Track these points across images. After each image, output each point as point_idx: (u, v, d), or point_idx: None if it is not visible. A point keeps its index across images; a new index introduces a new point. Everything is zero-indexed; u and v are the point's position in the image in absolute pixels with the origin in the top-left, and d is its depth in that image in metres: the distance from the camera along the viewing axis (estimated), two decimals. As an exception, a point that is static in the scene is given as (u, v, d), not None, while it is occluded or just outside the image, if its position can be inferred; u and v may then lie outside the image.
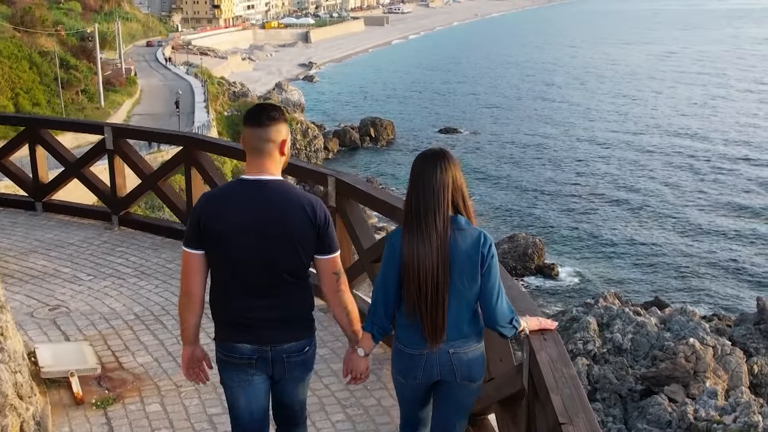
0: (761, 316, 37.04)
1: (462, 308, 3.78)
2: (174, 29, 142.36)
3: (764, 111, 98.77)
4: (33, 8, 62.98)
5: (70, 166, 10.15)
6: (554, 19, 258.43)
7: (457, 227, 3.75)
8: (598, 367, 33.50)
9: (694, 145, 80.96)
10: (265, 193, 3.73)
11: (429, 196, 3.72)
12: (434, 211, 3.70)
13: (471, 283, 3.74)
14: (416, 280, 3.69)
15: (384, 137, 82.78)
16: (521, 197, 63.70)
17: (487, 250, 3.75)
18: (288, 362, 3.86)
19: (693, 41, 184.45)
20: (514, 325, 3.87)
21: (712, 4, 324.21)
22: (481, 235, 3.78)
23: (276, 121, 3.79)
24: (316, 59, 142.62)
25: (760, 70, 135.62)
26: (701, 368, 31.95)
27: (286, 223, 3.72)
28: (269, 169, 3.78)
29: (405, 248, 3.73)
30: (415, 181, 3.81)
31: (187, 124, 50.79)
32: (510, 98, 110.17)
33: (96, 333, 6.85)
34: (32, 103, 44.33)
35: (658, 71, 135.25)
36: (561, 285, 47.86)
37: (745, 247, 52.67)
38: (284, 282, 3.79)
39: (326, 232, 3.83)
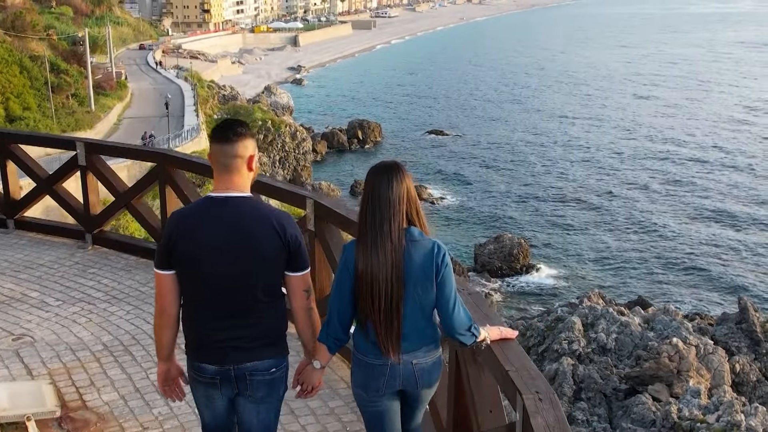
0: (743, 315, 36.75)
1: (419, 318, 3.73)
2: (164, 33, 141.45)
3: (738, 113, 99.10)
4: (24, 13, 62.10)
5: (42, 182, 9.53)
6: (536, 23, 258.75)
7: (411, 238, 3.70)
8: (582, 367, 33.14)
9: (673, 148, 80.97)
10: (233, 210, 3.60)
11: (385, 208, 3.66)
12: (389, 223, 3.65)
13: (426, 293, 3.70)
14: (371, 292, 3.64)
15: (371, 139, 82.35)
16: (506, 198, 63.36)
17: (441, 260, 3.71)
18: (251, 380, 3.71)
19: (670, 44, 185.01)
20: (473, 332, 3.82)
21: (691, 8, 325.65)
22: (434, 245, 3.73)
23: (243, 136, 3.67)
24: (304, 63, 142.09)
25: (734, 72, 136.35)
26: (684, 367, 31.65)
27: (255, 241, 3.58)
28: (237, 186, 3.65)
29: (359, 260, 3.66)
30: (370, 193, 3.73)
31: (177, 127, 50.16)
32: (494, 101, 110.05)
33: (60, 366, 6.29)
34: (23, 107, 43.62)
35: (635, 74, 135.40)
36: (546, 284, 47.50)
37: (724, 247, 52.51)
38: (256, 301, 3.66)
39: (297, 250, 3.70)
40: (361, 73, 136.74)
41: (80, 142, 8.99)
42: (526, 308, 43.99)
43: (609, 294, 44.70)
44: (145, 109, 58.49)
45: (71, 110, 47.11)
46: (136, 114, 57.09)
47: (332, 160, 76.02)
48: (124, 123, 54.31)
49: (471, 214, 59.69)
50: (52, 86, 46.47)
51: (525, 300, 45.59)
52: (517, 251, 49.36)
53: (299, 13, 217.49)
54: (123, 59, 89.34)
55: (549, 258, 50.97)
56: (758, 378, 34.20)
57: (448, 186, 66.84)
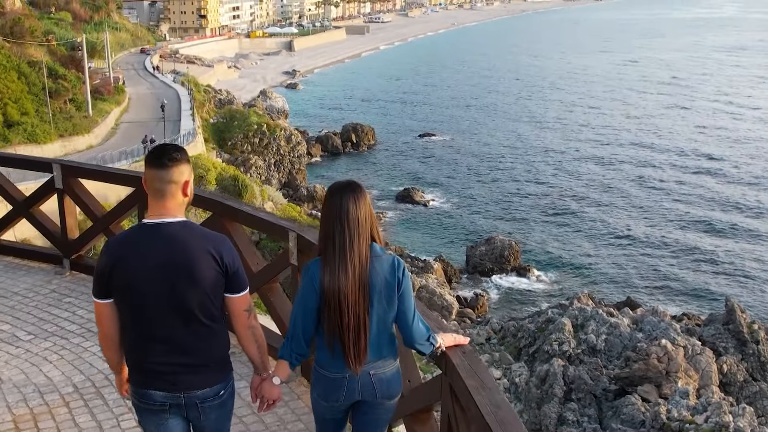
0: (730, 316, 36.36)
1: (381, 331, 3.78)
2: (162, 38, 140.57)
3: (720, 118, 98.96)
4: (22, 19, 61.26)
5: (18, 204, 8.85)
6: (525, 28, 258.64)
7: (374, 254, 3.74)
8: (573, 368, 32.68)
9: (657, 152, 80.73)
10: (167, 236, 3.51)
11: (353, 227, 3.67)
12: (358, 242, 3.67)
13: (389, 306, 3.75)
14: (338, 309, 3.64)
15: (365, 142, 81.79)
16: (497, 200, 62.92)
17: (402, 273, 3.77)
18: (202, 408, 3.67)
19: (655, 49, 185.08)
20: (431, 342, 3.88)
21: (675, 13, 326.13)
22: (395, 260, 3.79)
23: (178, 161, 3.58)
24: (299, 67, 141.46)
25: (716, 77, 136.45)
26: (673, 368, 31.22)
27: (191, 266, 3.48)
28: (171, 211, 3.57)
29: (326, 279, 3.66)
30: (335, 213, 3.71)
31: (174, 131, 49.48)
32: (485, 105, 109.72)
33: (27, 412, 5.68)
34: (21, 112, 42.91)
35: (619, 79, 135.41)
36: (536, 285, 47.09)
37: (710, 249, 52.20)
38: (198, 326, 3.58)
39: (234, 271, 3.62)
40: (355, 78, 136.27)
41: (57, 164, 8.32)
42: (516, 309, 43.55)
43: (598, 295, 44.34)
44: (142, 113, 57.82)
45: (69, 115, 46.38)
46: (134, 118, 56.37)
47: (327, 163, 75.45)
48: (121, 127, 53.60)
49: (463, 215, 59.20)
50: (50, 91, 45.74)
51: (516, 301, 45.14)
52: (507, 253, 48.91)
53: (294, 18, 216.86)
54: (121, 64, 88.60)
55: (539, 259, 50.54)
56: (745, 378, 33.84)
57: (440, 188, 66.33)
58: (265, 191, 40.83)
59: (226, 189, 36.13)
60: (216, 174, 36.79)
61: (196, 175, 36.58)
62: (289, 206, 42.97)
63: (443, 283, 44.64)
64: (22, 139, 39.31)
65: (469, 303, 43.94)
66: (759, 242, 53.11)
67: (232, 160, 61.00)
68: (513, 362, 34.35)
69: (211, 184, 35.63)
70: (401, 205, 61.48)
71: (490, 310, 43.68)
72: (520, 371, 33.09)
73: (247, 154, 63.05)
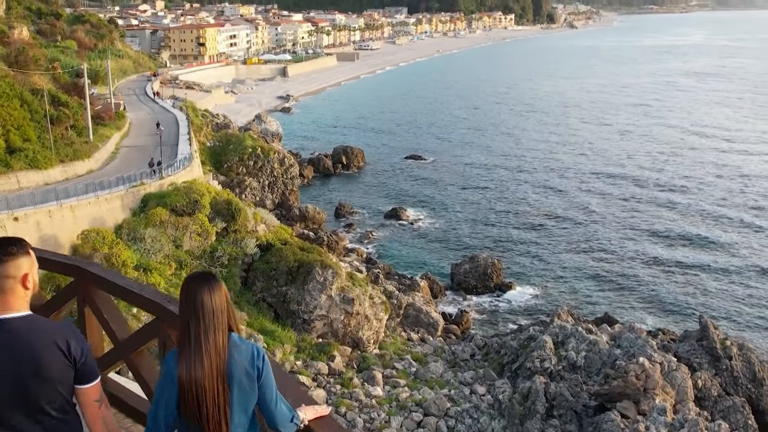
0: (703, 332, 35.84)
1: (243, 419, 3.66)
2: (162, 65, 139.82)
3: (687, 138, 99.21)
4: (27, 48, 60.50)
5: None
6: (505, 55, 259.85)
7: (233, 345, 3.60)
8: (554, 384, 32.00)
9: (632, 171, 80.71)
10: (11, 333, 3.32)
11: (209, 318, 3.51)
12: (214, 333, 3.51)
13: (251, 395, 3.64)
14: (196, 401, 3.49)
15: (355, 164, 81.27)
16: (481, 219, 62.41)
17: (262, 362, 3.66)
18: None
19: (624, 74, 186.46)
20: (294, 422, 3.80)
21: (647, 41, 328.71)
22: (254, 349, 3.68)
23: (14, 255, 3.41)
24: (293, 92, 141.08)
25: (680, 99, 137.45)
26: (651, 385, 30.59)
27: (37, 361, 3.30)
28: (13, 306, 3.38)
29: (182, 370, 3.50)
30: (191, 304, 3.53)
31: (171, 156, 48.67)
32: (467, 128, 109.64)
33: None
34: (23, 139, 42.07)
35: (592, 102, 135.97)
36: (518, 302, 46.44)
37: (682, 265, 51.81)
38: (49, 419, 3.39)
39: (84, 363, 3.45)
40: (345, 102, 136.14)
41: None
42: (499, 324, 42.90)
43: (577, 310, 43.73)
44: (142, 138, 56.94)
45: (70, 141, 45.49)
46: (134, 143, 55.48)
47: (318, 184, 74.80)
48: (121, 151, 52.72)
49: (448, 234, 58.60)
50: (52, 118, 44.91)
51: (499, 316, 44.48)
52: (491, 270, 48.33)
53: (288, 45, 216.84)
54: (123, 89, 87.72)
55: (521, 276, 49.98)
56: (719, 393, 33.27)
57: (427, 207, 65.77)
58: (257, 214, 40.10)
59: (219, 213, 35.46)
60: (210, 198, 36.02)
61: (191, 200, 35.91)
62: (281, 228, 42.28)
63: (429, 301, 43.95)
64: (24, 165, 38.45)
65: (454, 319, 43.25)
66: (730, 258, 52.76)
67: (227, 181, 60.25)
68: (497, 378, 33.66)
69: (205, 209, 34.85)
70: (389, 224, 60.86)
71: (475, 325, 43.00)
72: (504, 388, 32.38)
73: (242, 176, 62.35)
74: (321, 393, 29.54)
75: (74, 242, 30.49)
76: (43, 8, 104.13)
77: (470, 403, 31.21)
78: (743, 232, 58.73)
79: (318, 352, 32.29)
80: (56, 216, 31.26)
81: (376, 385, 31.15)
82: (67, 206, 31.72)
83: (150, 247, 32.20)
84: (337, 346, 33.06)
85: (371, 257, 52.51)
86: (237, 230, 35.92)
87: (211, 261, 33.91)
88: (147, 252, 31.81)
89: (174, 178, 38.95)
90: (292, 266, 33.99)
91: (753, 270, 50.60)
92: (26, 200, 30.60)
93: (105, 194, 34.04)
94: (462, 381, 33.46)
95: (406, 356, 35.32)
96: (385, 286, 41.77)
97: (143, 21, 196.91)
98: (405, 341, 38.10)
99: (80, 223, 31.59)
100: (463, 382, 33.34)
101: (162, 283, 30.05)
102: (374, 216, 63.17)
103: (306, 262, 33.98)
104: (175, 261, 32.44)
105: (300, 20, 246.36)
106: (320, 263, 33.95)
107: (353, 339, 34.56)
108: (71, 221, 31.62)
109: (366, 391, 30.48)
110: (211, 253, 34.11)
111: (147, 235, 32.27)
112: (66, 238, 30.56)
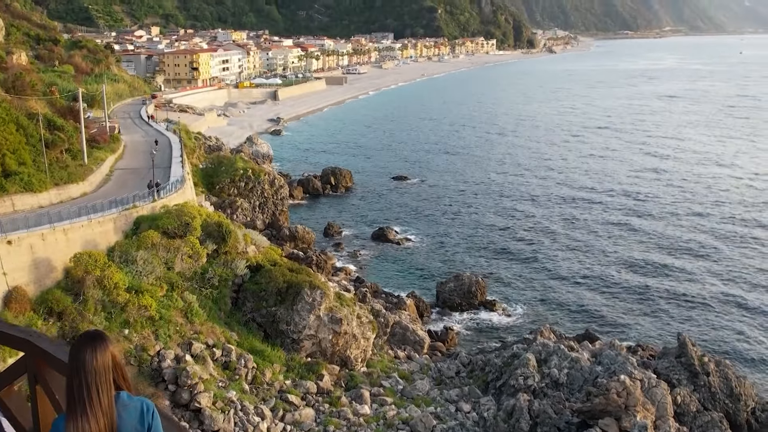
0: (682, 349, 35.55)
1: None
2: (157, 89, 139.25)
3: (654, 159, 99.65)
4: (24, 74, 59.84)
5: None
6: (486, 78, 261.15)
7: (121, 403, 3.49)
8: (538, 402, 31.58)
9: (608, 191, 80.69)
10: None
11: (91, 378, 3.39)
12: (98, 393, 3.39)
13: None
14: None
15: (343, 184, 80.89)
16: (465, 238, 62.07)
17: (152, 418, 3.54)
18: None
19: (601, 97, 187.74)
20: None
21: (622, 65, 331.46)
22: (143, 405, 3.54)
23: None
24: (283, 115, 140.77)
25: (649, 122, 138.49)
26: (632, 402, 30.21)
27: None
28: None
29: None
30: (77, 366, 3.42)
31: (164, 178, 48.03)
32: (450, 149, 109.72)
33: None
34: (18, 162, 41.31)
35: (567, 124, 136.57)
36: (502, 319, 46.05)
37: (660, 281, 51.59)
38: None
39: None
40: (334, 124, 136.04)
41: None
42: (484, 341, 42.39)
43: (559, 327, 43.38)
44: (136, 161, 56.27)
45: (65, 164, 44.79)
46: (128, 165, 54.81)
47: (308, 204, 74.33)
48: (115, 174, 52.03)
49: (433, 253, 58.21)
50: (47, 142, 44.23)
51: (483, 333, 44.03)
52: (475, 288, 47.96)
53: (279, 70, 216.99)
54: (118, 113, 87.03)
55: (504, 294, 49.65)
56: (698, 408, 32.95)
57: (412, 227, 65.40)
58: (248, 235, 39.56)
59: (210, 234, 34.92)
60: (201, 220, 35.47)
61: (183, 222, 35.35)
62: (271, 249, 41.76)
63: (415, 319, 43.45)
64: (19, 188, 37.74)
65: (439, 337, 42.76)
66: (705, 275, 52.67)
67: (219, 202, 59.70)
68: (481, 396, 33.19)
69: (196, 231, 34.29)
70: (376, 243, 60.42)
71: (460, 342, 42.53)
72: (488, 405, 31.92)
73: (234, 197, 61.82)
74: (310, 412, 28.97)
75: (67, 265, 29.84)
76: (41, 34, 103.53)
77: (456, 420, 30.69)
78: (717, 250, 58.75)
79: (307, 371, 31.73)
80: (49, 239, 30.58)
81: (364, 403, 30.61)
82: (60, 229, 31.06)
83: (142, 269, 31.59)
84: (325, 365, 32.51)
85: (359, 276, 52.02)
86: (227, 252, 35.38)
87: (201, 282, 33.34)
88: (139, 274, 31.20)
89: (166, 201, 38.37)
90: (282, 287, 33.48)
91: (727, 287, 50.53)
92: (20, 223, 29.94)
93: (98, 217, 33.38)
94: (448, 398, 32.95)
95: (393, 374, 34.80)
96: (372, 305, 41.28)
97: (139, 46, 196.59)
98: (392, 359, 37.58)
99: (73, 246, 30.94)
100: (449, 400, 32.83)
101: (153, 304, 29.47)
102: (362, 235, 62.74)
103: (295, 282, 33.47)
104: (167, 282, 31.84)
105: (290, 45, 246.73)
106: (309, 284, 33.46)
107: (341, 358, 34.02)
108: (64, 244, 30.94)
109: (354, 410, 29.93)
110: (201, 275, 33.54)
111: (139, 257, 31.67)
112: (59, 261, 29.90)
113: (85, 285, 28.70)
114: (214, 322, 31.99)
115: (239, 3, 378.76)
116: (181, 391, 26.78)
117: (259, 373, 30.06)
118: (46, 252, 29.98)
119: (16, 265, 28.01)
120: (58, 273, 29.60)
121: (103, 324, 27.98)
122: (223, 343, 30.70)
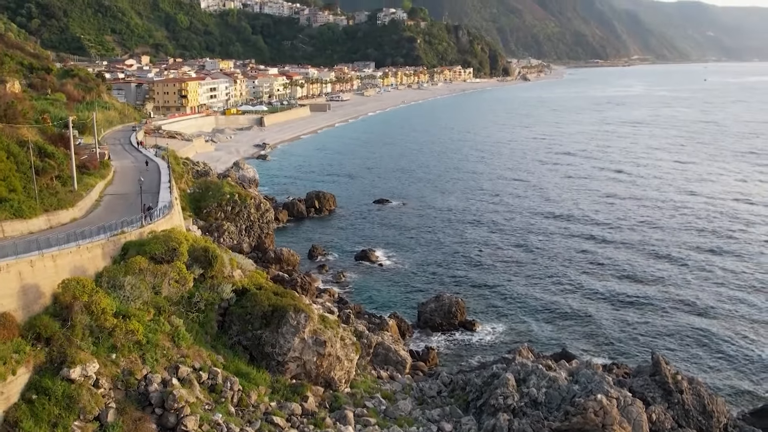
0: (656, 368, 35.35)
1: None
2: (147, 116, 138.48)
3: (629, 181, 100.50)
4: (15, 102, 59.04)
5: None
6: (465, 106, 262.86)
7: None
8: (517, 421, 31.16)
9: (581, 212, 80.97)
10: None
11: None
12: None
13: None
14: None
15: (327, 208, 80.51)
16: (444, 260, 61.78)
17: None
18: None
19: (571, 122, 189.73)
20: None
21: (591, 91, 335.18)
22: None
23: None
24: (269, 140, 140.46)
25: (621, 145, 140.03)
26: (608, 421, 29.89)
27: None
28: None
29: None
30: None
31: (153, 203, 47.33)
32: (430, 173, 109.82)
33: None
34: (9, 189, 40.48)
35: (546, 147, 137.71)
36: (482, 338, 45.67)
37: (631, 301, 51.57)
38: None
39: None
40: (318, 149, 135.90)
41: None
42: (464, 360, 41.98)
43: (537, 345, 43.10)
44: (125, 186, 55.54)
45: (55, 190, 43.99)
46: (117, 191, 54.04)
47: (293, 227, 73.81)
48: (105, 199, 51.19)
49: (414, 274, 57.85)
50: (38, 169, 43.44)
51: (463, 352, 43.60)
52: (455, 309, 47.60)
53: (264, 97, 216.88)
54: (108, 139, 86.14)
55: (483, 314, 49.33)
56: (672, 425, 32.72)
57: (394, 249, 65.04)
58: (234, 260, 39.01)
59: (197, 259, 34.41)
60: (188, 246, 34.88)
61: (170, 248, 34.76)
62: (257, 272, 41.17)
63: (397, 340, 42.94)
64: (9, 215, 36.93)
65: (421, 356, 42.26)
66: (678, 293, 52.74)
67: (206, 226, 59.04)
68: (462, 415, 32.71)
69: (183, 256, 33.71)
70: (359, 265, 59.97)
71: (441, 361, 42.05)
72: (469, 425, 31.45)
73: (221, 221, 61.18)
74: (295, 434, 28.34)
75: (55, 291, 29.11)
76: (34, 63, 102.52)
77: (438, 440, 30.17)
78: (685, 269, 58.94)
79: (292, 393, 31.11)
80: (38, 265, 29.82)
81: (348, 424, 30.02)
82: (48, 256, 30.31)
83: (129, 294, 30.91)
84: (310, 386, 31.91)
85: (342, 297, 51.50)
86: (214, 276, 34.78)
87: (188, 306, 32.69)
88: (126, 299, 30.52)
89: (154, 226, 37.72)
90: (267, 310, 32.93)
91: (697, 305, 50.61)
92: (8, 250, 29.17)
93: (86, 243, 32.65)
94: (429, 418, 32.43)
95: (376, 394, 34.24)
96: (355, 326, 40.75)
97: (129, 75, 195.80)
98: (375, 379, 37.02)
99: (61, 272, 30.21)
100: (431, 420, 32.31)
101: (141, 328, 28.79)
102: (345, 257, 62.27)
103: (280, 306, 32.94)
104: (154, 307, 31.16)
105: (275, 74, 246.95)
106: (293, 307, 32.94)
107: (325, 379, 33.44)
108: (53, 271, 30.21)
109: (338, 431, 29.33)
110: (188, 299, 32.91)
111: (126, 283, 31.00)
112: (47, 287, 29.16)
113: (73, 311, 27.97)
114: (200, 345, 31.32)
115: (227, 33, 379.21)
116: (168, 415, 26.11)
117: (244, 395, 29.41)
118: (34, 278, 29.22)
119: (4, 291, 27.26)
120: (46, 299, 28.84)
121: (90, 349, 27.27)
122: (210, 366, 30.04)
